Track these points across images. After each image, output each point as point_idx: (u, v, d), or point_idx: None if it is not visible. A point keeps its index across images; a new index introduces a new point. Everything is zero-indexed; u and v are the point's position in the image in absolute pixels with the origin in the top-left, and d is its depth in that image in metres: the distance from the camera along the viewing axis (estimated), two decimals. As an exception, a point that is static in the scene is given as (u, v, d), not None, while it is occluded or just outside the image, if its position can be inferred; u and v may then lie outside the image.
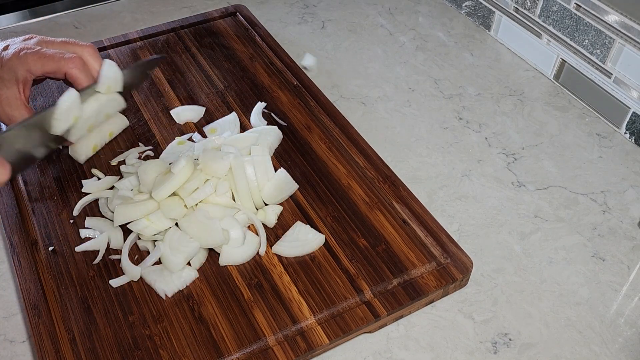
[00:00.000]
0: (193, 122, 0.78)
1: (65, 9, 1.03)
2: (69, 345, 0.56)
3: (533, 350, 0.58)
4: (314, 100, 0.81)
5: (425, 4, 1.05)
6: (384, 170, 0.71)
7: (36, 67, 0.65)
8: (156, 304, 0.59)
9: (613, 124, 0.81)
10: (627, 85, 0.78)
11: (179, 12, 1.02)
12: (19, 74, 0.65)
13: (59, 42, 0.68)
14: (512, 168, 0.76)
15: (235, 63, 0.88)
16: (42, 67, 0.65)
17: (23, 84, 0.66)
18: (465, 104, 0.85)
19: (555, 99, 0.86)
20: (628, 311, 0.62)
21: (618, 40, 0.77)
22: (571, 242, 0.68)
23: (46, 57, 0.64)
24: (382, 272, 0.61)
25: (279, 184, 0.67)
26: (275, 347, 0.56)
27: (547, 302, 0.62)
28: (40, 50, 0.65)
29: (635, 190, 0.74)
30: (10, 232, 0.66)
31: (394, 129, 0.82)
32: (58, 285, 0.61)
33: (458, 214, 0.71)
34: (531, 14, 0.88)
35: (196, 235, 0.62)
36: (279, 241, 0.64)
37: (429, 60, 0.93)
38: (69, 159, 0.73)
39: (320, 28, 0.99)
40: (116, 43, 0.90)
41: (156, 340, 0.56)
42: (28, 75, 0.65)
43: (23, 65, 0.64)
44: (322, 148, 0.74)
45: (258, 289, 0.60)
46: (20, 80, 0.65)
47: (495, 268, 0.65)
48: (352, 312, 0.58)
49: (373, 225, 0.66)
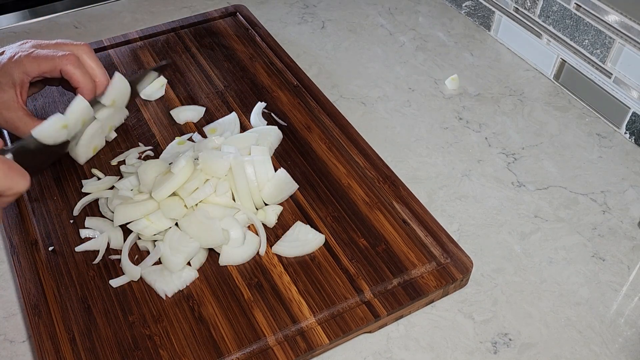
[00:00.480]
0: (193, 122, 0.78)
1: (65, 9, 1.03)
2: (69, 345, 0.56)
3: (533, 350, 0.58)
4: (314, 100, 0.81)
5: (425, 4, 1.05)
6: (384, 170, 0.71)
7: (32, 68, 0.65)
8: (156, 304, 0.59)
9: (613, 124, 0.81)
10: (627, 85, 0.78)
11: (179, 12, 1.02)
12: (16, 77, 0.65)
13: (54, 43, 0.68)
14: (512, 168, 0.76)
15: (235, 63, 0.88)
16: (38, 68, 0.65)
17: (20, 86, 0.66)
18: (465, 104, 0.85)
19: (555, 99, 0.86)
20: (628, 311, 0.62)
21: (618, 40, 0.77)
22: (571, 242, 0.68)
23: (40, 57, 0.65)
24: (382, 272, 0.61)
25: (279, 184, 0.67)
26: (275, 347, 0.56)
27: (547, 302, 0.62)
28: (34, 51, 0.66)
29: (635, 190, 0.74)
30: (10, 232, 0.66)
31: (394, 129, 0.82)
32: (58, 285, 0.61)
33: (458, 214, 0.71)
34: (531, 14, 0.88)
35: (196, 235, 0.62)
36: (279, 241, 0.64)
37: (429, 60, 0.93)
38: (69, 159, 0.73)
39: (320, 28, 0.99)
40: (116, 43, 0.90)
41: (156, 340, 0.56)
42: (25, 77, 0.66)
43: (19, 67, 0.65)
44: (322, 148, 0.75)
45: (258, 289, 0.60)
46: (17, 84, 0.66)
47: (495, 268, 0.65)
48: (352, 312, 0.58)
49: (373, 225, 0.66)
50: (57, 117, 0.63)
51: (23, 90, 0.67)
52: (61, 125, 0.64)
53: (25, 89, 0.67)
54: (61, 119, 0.64)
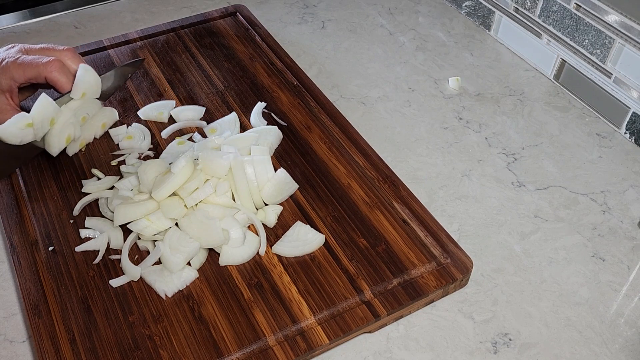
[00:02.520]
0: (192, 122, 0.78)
1: (65, 9, 1.03)
2: (69, 345, 0.56)
3: (533, 350, 0.58)
4: (314, 100, 0.81)
5: (425, 4, 1.05)
6: (384, 170, 0.71)
7: (18, 75, 0.66)
8: (156, 304, 0.59)
9: (613, 124, 0.81)
10: (627, 85, 0.78)
11: (179, 12, 1.02)
12: (3, 83, 0.66)
13: (38, 48, 0.69)
14: (512, 168, 0.76)
15: (235, 63, 0.88)
16: (23, 74, 0.66)
17: (9, 92, 0.67)
18: (465, 104, 0.85)
19: (555, 99, 0.86)
20: (628, 311, 0.62)
21: (618, 40, 0.77)
22: (571, 242, 0.68)
23: (25, 64, 0.66)
24: (382, 272, 0.61)
25: (279, 184, 0.67)
26: (275, 347, 0.56)
27: (547, 302, 0.62)
28: (19, 58, 0.66)
29: (635, 190, 0.74)
30: (10, 232, 0.66)
31: (394, 129, 0.82)
32: (58, 285, 0.61)
33: (458, 214, 0.71)
34: (531, 14, 0.88)
35: (196, 235, 0.62)
36: (279, 241, 0.64)
37: (429, 60, 0.93)
38: (69, 159, 0.73)
39: (320, 28, 0.99)
40: (116, 43, 0.90)
41: (156, 340, 0.56)
42: (12, 83, 0.66)
43: (6, 74, 0.66)
44: (322, 148, 0.74)
45: (258, 289, 0.60)
46: (5, 90, 0.66)
47: (495, 268, 0.65)
48: (352, 312, 0.58)
49: (373, 225, 0.66)
50: (21, 115, 0.63)
51: (13, 95, 0.67)
52: (25, 124, 0.63)
53: (15, 93, 0.68)
54: (25, 117, 0.63)
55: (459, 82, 0.87)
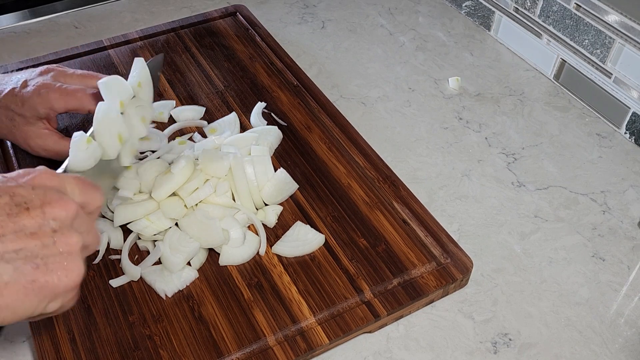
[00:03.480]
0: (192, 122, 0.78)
1: (65, 9, 1.03)
2: (69, 345, 0.56)
3: (533, 350, 0.58)
4: (314, 100, 0.81)
5: (425, 4, 1.05)
6: (384, 170, 0.71)
7: (59, 105, 0.63)
8: (156, 304, 0.59)
9: (613, 124, 0.81)
10: (627, 85, 0.78)
11: (179, 12, 1.02)
12: (41, 112, 0.63)
13: (79, 75, 0.65)
14: (512, 168, 0.76)
15: (235, 63, 0.88)
16: (65, 105, 0.63)
17: (47, 119, 0.65)
18: (465, 104, 0.85)
19: (555, 99, 0.86)
20: (628, 311, 0.62)
21: (618, 40, 0.77)
22: (571, 242, 0.68)
23: (68, 94, 0.63)
24: (382, 272, 0.61)
25: (279, 184, 0.67)
26: (275, 347, 0.56)
27: (547, 302, 0.62)
28: (61, 87, 0.63)
29: (635, 190, 0.74)
30: (10, 232, 0.65)
31: (393, 129, 0.82)
32: (58, 285, 0.61)
33: (458, 214, 0.71)
34: (531, 14, 0.88)
35: (196, 235, 0.62)
36: (279, 241, 0.64)
37: (429, 60, 0.93)
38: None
39: (320, 28, 0.99)
40: (116, 43, 0.90)
41: (156, 340, 0.56)
42: (50, 112, 0.64)
43: (45, 103, 0.63)
44: (322, 148, 0.74)
45: (258, 289, 0.60)
46: (42, 117, 0.64)
47: (495, 268, 0.65)
48: (352, 312, 0.58)
49: (373, 225, 0.66)
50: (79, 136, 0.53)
51: (51, 121, 0.65)
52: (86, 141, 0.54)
53: (53, 119, 0.66)
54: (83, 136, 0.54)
55: (459, 82, 0.87)
